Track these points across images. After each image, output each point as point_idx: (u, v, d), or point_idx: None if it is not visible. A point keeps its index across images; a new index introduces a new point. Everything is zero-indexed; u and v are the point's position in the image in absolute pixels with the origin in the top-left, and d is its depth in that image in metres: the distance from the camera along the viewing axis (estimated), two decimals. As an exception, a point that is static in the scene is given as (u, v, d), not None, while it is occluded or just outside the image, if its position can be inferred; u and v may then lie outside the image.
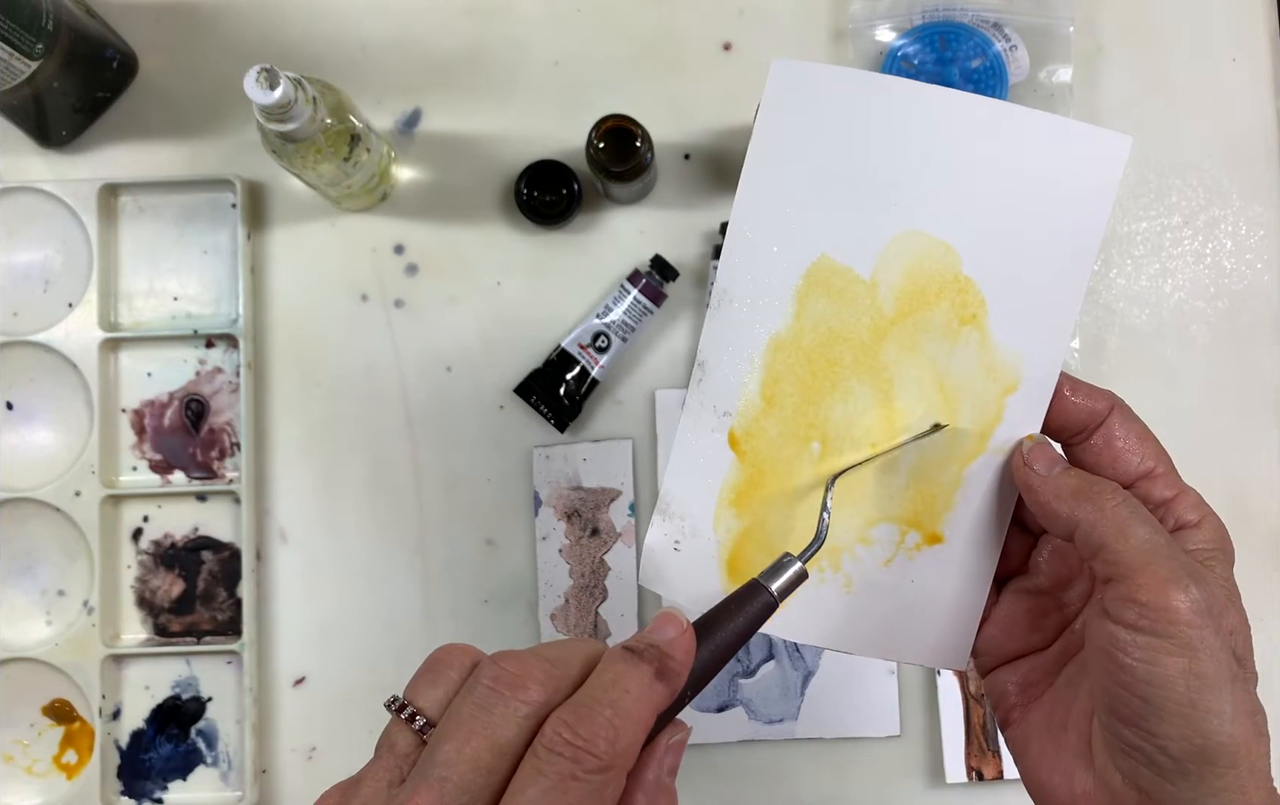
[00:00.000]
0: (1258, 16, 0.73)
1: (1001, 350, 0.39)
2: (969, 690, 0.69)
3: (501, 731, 0.29)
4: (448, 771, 0.29)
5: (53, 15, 0.65)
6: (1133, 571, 0.34)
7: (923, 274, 0.39)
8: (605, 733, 0.29)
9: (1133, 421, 0.38)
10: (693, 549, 0.41)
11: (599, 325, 0.70)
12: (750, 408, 0.40)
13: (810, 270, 0.39)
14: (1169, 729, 0.33)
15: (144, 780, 0.71)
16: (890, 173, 0.38)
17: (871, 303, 0.39)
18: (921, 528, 0.40)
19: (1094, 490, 0.36)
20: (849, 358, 0.39)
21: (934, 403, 0.39)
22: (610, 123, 0.67)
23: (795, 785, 0.70)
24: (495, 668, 0.30)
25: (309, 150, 0.61)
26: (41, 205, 0.72)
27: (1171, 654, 0.32)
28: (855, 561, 0.41)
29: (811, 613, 0.41)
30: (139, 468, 0.72)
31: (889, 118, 0.38)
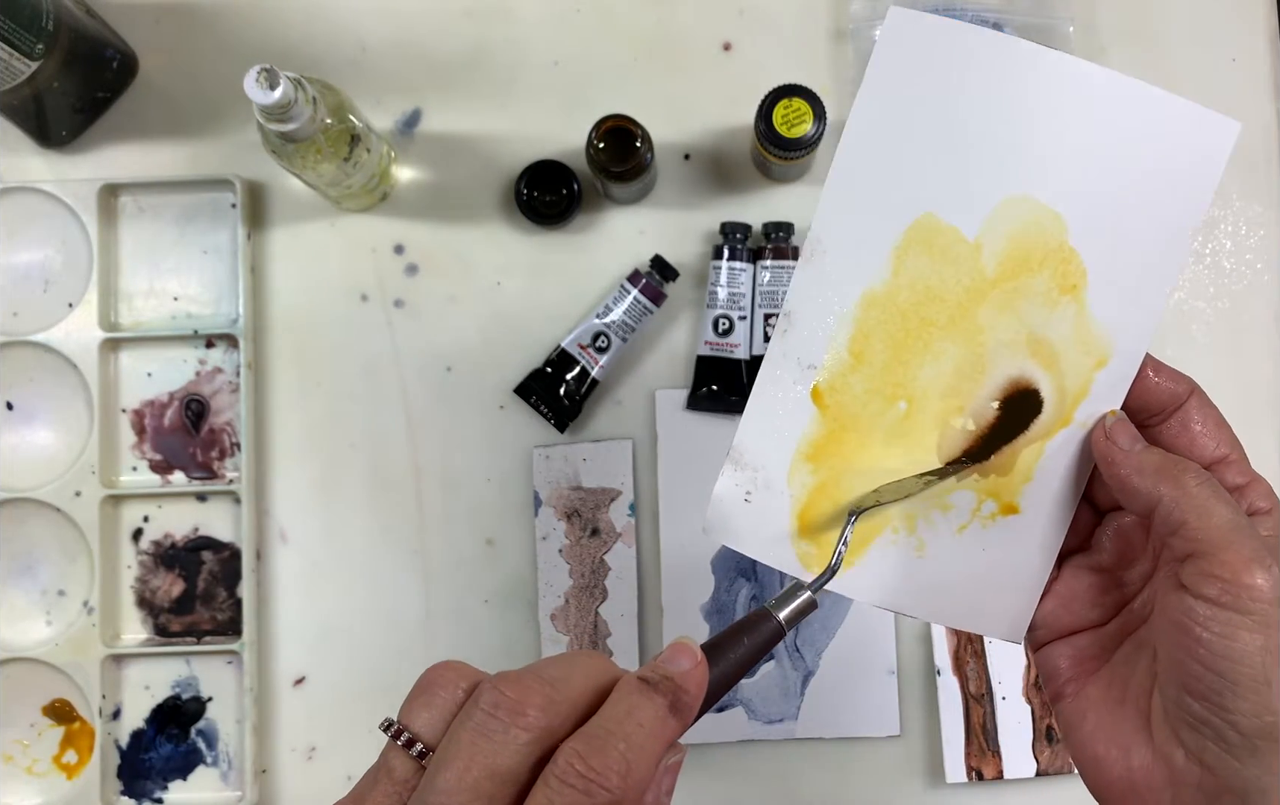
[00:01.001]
0: (1258, 16, 0.73)
1: (1096, 324, 0.39)
2: (969, 690, 0.69)
3: (501, 759, 0.29)
4: (448, 800, 0.29)
5: (53, 15, 0.65)
6: (1216, 548, 0.34)
7: (1028, 240, 0.38)
8: (618, 766, 0.29)
9: (1210, 408, 0.39)
10: (764, 502, 0.40)
11: (599, 325, 0.70)
12: (837, 362, 0.40)
13: (913, 227, 0.39)
14: (1241, 704, 0.33)
15: (144, 780, 0.71)
16: (1004, 134, 0.38)
17: (973, 265, 0.38)
18: (999, 498, 0.40)
19: (1176, 468, 0.36)
20: (944, 319, 0.39)
21: (1026, 371, 0.39)
22: (610, 123, 0.67)
23: (795, 785, 0.70)
24: (494, 693, 0.30)
25: (309, 150, 0.61)
26: (41, 205, 0.72)
27: (1250, 630, 0.33)
28: (930, 526, 0.40)
29: (881, 574, 0.40)
30: (139, 468, 0.72)
31: (1006, 78, 0.37)
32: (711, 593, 0.70)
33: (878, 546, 0.40)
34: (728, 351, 0.69)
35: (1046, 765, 0.68)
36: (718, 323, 0.69)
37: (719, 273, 0.69)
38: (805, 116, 0.65)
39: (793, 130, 0.65)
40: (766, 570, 0.70)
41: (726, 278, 0.69)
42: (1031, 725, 0.69)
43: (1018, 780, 0.69)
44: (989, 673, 0.69)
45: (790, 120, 0.65)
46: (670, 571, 0.70)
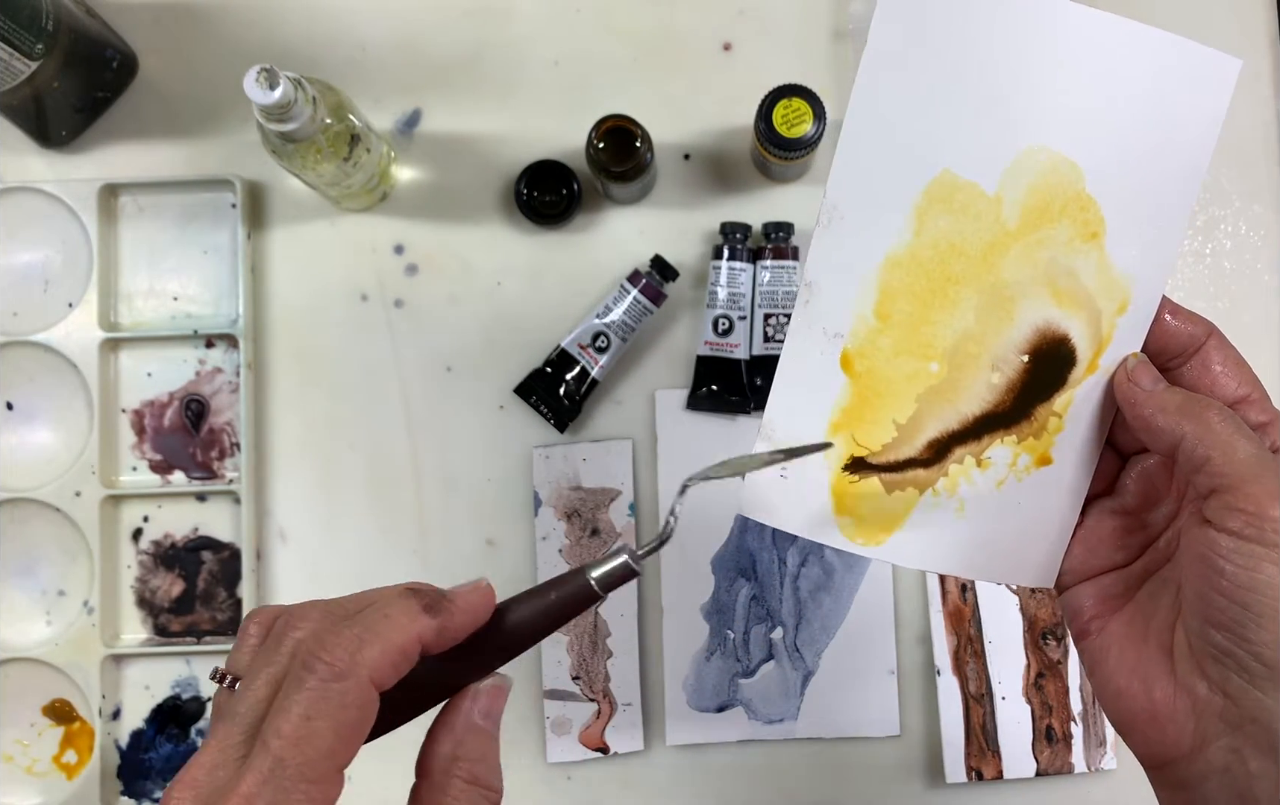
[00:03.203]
0: (1258, 16, 0.73)
1: (1116, 270, 0.39)
2: (969, 690, 0.69)
3: (276, 666, 0.32)
4: (237, 707, 0.32)
5: (53, 15, 0.65)
6: (1241, 482, 0.35)
7: (1048, 190, 0.38)
8: (346, 645, 0.31)
9: (1230, 348, 0.39)
10: (800, 476, 0.40)
11: (599, 325, 0.70)
12: (864, 327, 0.39)
13: (931, 185, 0.38)
14: (1264, 635, 0.34)
15: (144, 780, 0.71)
16: (1017, 85, 0.37)
17: (995, 219, 0.38)
18: (1034, 450, 0.40)
19: (1199, 406, 0.37)
20: (969, 274, 0.38)
21: (1053, 321, 0.39)
22: (610, 123, 0.67)
23: (795, 785, 0.70)
24: (284, 616, 0.34)
25: (309, 150, 0.61)
26: (41, 205, 0.72)
27: (1274, 562, 0.34)
28: (971, 485, 0.40)
29: (922, 538, 0.40)
30: (139, 468, 0.72)
31: (1015, 27, 0.37)
32: (711, 593, 0.70)
33: (919, 511, 0.40)
34: (728, 351, 0.69)
35: (1046, 765, 0.68)
36: (718, 323, 0.69)
37: (719, 273, 0.69)
38: (805, 116, 0.65)
39: (793, 130, 0.65)
40: (767, 570, 0.70)
41: (726, 278, 0.69)
42: (1031, 725, 0.69)
43: (1017, 780, 0.69)
44: (989, 673, 0.69)
45: (790, 120, 0.65)
46: (670, 571, 0.70)
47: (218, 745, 0.32)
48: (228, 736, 0.32)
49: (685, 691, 0.70)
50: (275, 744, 0.30)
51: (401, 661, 0.32)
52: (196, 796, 0.31)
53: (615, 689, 0.70)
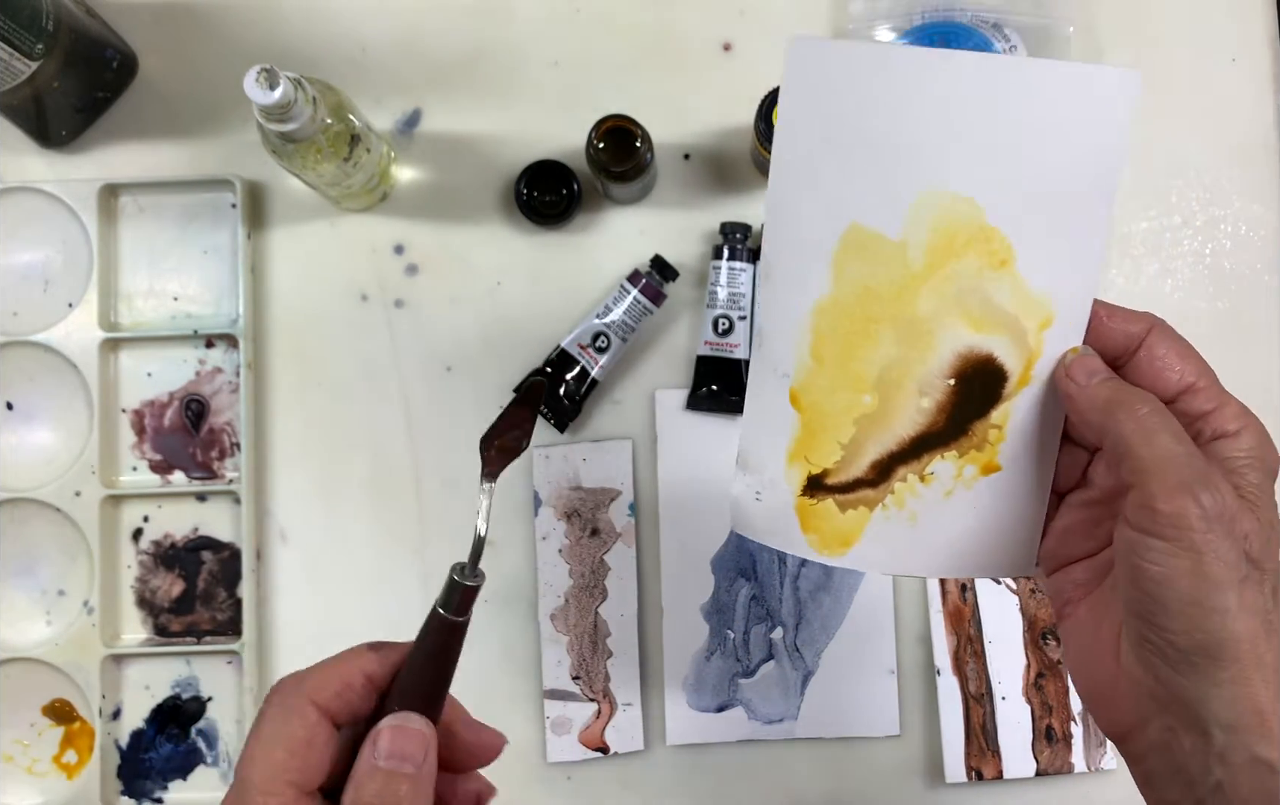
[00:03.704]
0: (1258, 17, 0.73)
1: (1034, 291, 0.40)
2: (969, 690, 0.69)
3: None
4: None
5: (53, 15, 0.65)
6: (1149, 478, 0.35)
7: (948, 229, 0.40)
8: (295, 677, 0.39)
9: (1172, 340, 0.40)
10: (772, 499, 0.44)
11: (599, 325, 0.70)
12: (804, 368, 0.42)
13: (843, 238, 0.41)
14: (1175, 624, 0.35)
15: (144, 780, 0.71)
16: (907, 137, 0.40)
17: (902, 262, 0.41)
18: (977, 460, 0.42)
19: (1126, 399, 0.38)
20: (886, 314, 0.41)
21: (975, 344, 0.41)
22: (610, 123, 0.67)
23: (795, 785, 0.70)
24: None
25: (309, 150, 0.61)
26: (41, 205, 0.72)
27: (1178, 556, 0.34)
28: (917, 498, 0.43)
29: (881, 547, 0.43)
30: (139, 468, 0.72)
31: (901, 85, 0.39)
32: (711, 593, 0.70)
33: (873, 525, 0.43)
34: (728, 351, 0.69)
35: (1046, 765, 0.68)
36: (718, 323, 0.69)
37: (719, 273, 0.69)
38: None
39: None
40: (767, 570, 0.70)
41: (726, 278, 0.69)
42: (1031, 725, 0.69)
43: (1017, 780, 0.69)
44: (989, 673, 0.69)
45: None
46: (670, 571, 0.70)
47: None
48: None
49: (685, 691, 0.70)
50: (239, 767, 0.36)
51: (344, 689, 0.38)
52: None
53: (615, 689, 0.70)
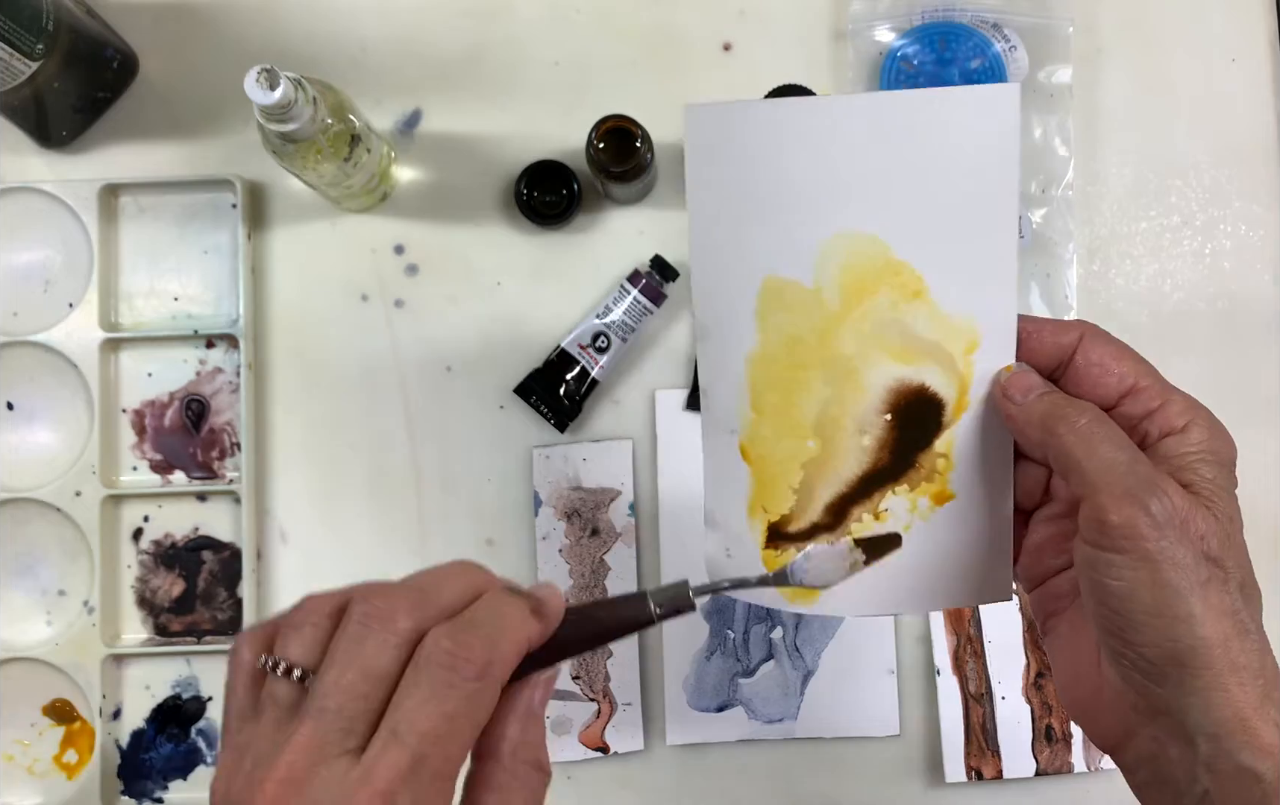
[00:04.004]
0: (1258, 17, 0.73)
1: (953, 315, 0.40)
2: (969, 690, 0.69)
3: (375, 661, 0.32)
4: (325, 702, 0.31)
5: (53, 15, 0.65)
6: (1096, 491, 0.35)
7: (857, 268, 0.41)
8: (483, 643, 0.32)
9: (1106, 343, 0.39)
10: (741, 554, 0.44)
11: (599, 325, 0.70)
12: (748, 421, 0.43)
13: (762, 291, 0.42)
14: (1142, 637, 0.34)
15: (144, 780, 0.71)
16: (806, 185, 0.40)
17: (819, 306, 0.41)
18: (929, 491, 0.42)
19: (1064, 412, 0.37)
20: (813, 359, 0.42)
21: (901, 377, 0.41)
22: (610, 123, 0.67)
23: (795, 785, 0.70)
24: (365, 604, 0.33)
25: (309, 150, 0.61)
26: (41, 205, 0.72)
27: (1134, 568, 0.34)
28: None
29: (850, 588, 0.43)
30: (139, 468, 0.72)
31: (793, 136, 0.40)
32: (711, 593, 0.70)
33: None
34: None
35: (1046, 765, 0.68)
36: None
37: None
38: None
39: None
40: (766, 570, 0.70)
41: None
42: (1031, 725, 0.69)
43: (1017, 780, 0.69)
44: (988, 672, 0.69)
45: None
46: (670, 571, 0.70)
47: (310, 740, 0.31)
48: (322, 731, 0.31)
49: (685, 691, 0.70)
50: (414, 741, 0.30)
51: (519, 662, 0.34)
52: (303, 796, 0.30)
53: (615, 689, 0.70)
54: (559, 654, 0.36)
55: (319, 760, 0.31)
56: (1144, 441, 0.37)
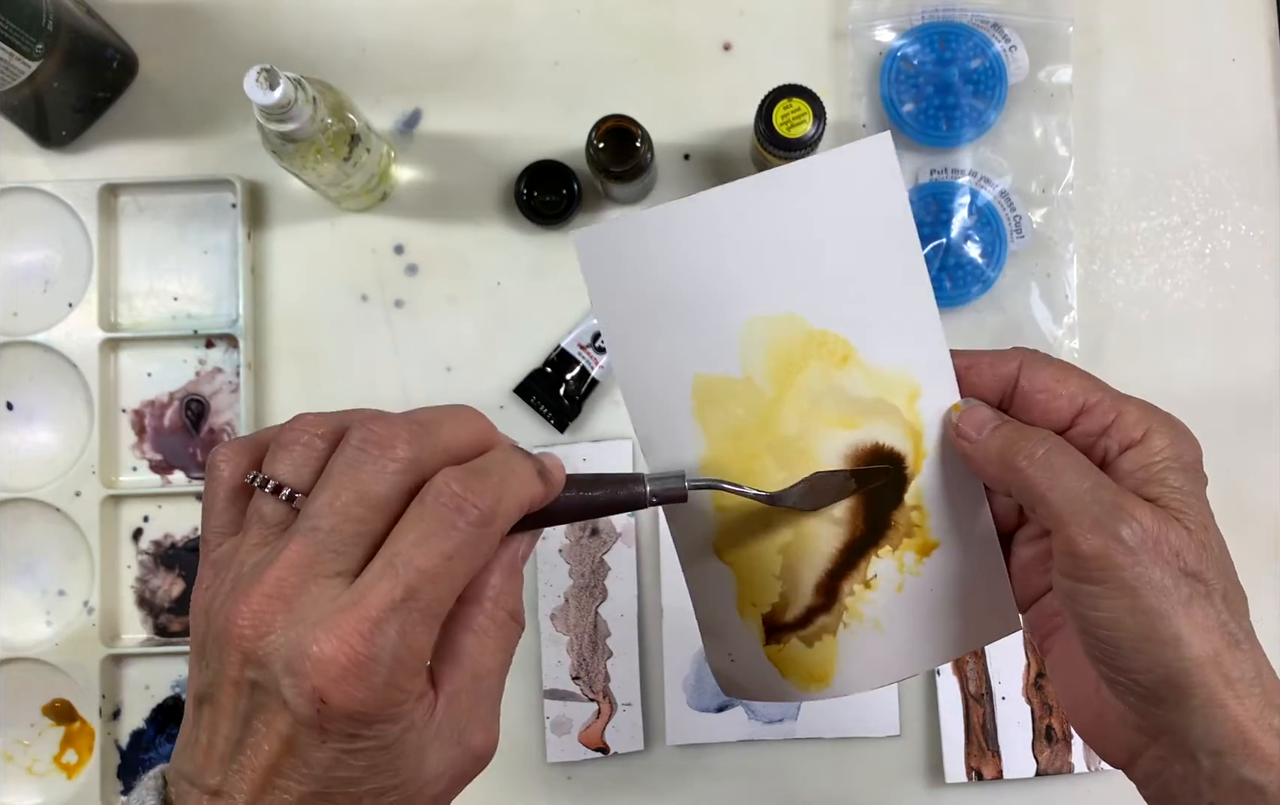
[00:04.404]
0: (1258, 17, 0.73)
1: (886, 369, 0.40)
2: (969, 690, 0.69)
3: (372, 486, 0.31)
4: (318, 522, 0.31)
5: (53, 15, 0.65)
6: (1064, 523, 0.34)
7: (781, 348, 0.40)
8: (491, 492, 0.32)
9: (1046, 366, 0.38)
10: (744, 655, 0.43)
11: (599, 325, 0.70)
12: (715, 524, 0.42)
13: (694, 392, 0.41)
14: (1133, 664, 0.34)
15: (144, 780, 0.71)
16: (710, 280, 0.40)
17: (753, 394, 0.41)
18: (912, 546, 0.41)
19: (1020, 444, 0.36)
20: (761, 447, 0.41)
21: (852, 442, 0.41)
22: (610, 123, 0.67)
23: (795, 785, 0.70)
24: (364, 430, 0.32)
25: (309, 150, 0.61)
26: (41, 205, 0.72)
27: (1113, 597, 0.33)
28: (871, 605, 0.42)
29: (861, 664, 0.42)
30: (139, 468, 0.72)
31: (683, 237, 0.40)
32: (711, 593, 0.70)
33: (842, 649, 0.42)
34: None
35: (1046, 765, 0.68)
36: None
37: None
38: (805, 116, 0.65)
39: (793, 130, 0.65)
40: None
41: None
42: (1031, 725, 0.69)
43: (1017, 780, 0.69)
44: (988, 673, 0.69)
45: (790, 120, 0.65)
46: (670, 572, 0.70)
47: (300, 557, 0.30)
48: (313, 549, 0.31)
49: (685, 691, 0.70)
50: (410, 575, 0.30)
51: (520, 516, 0.34)
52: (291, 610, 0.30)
53: (615, 689, 0.70)
54: (551, 520, 0.37)
55: (308, 578, 0.30)
56: (1105, 458, 0.36)
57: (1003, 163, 0.71)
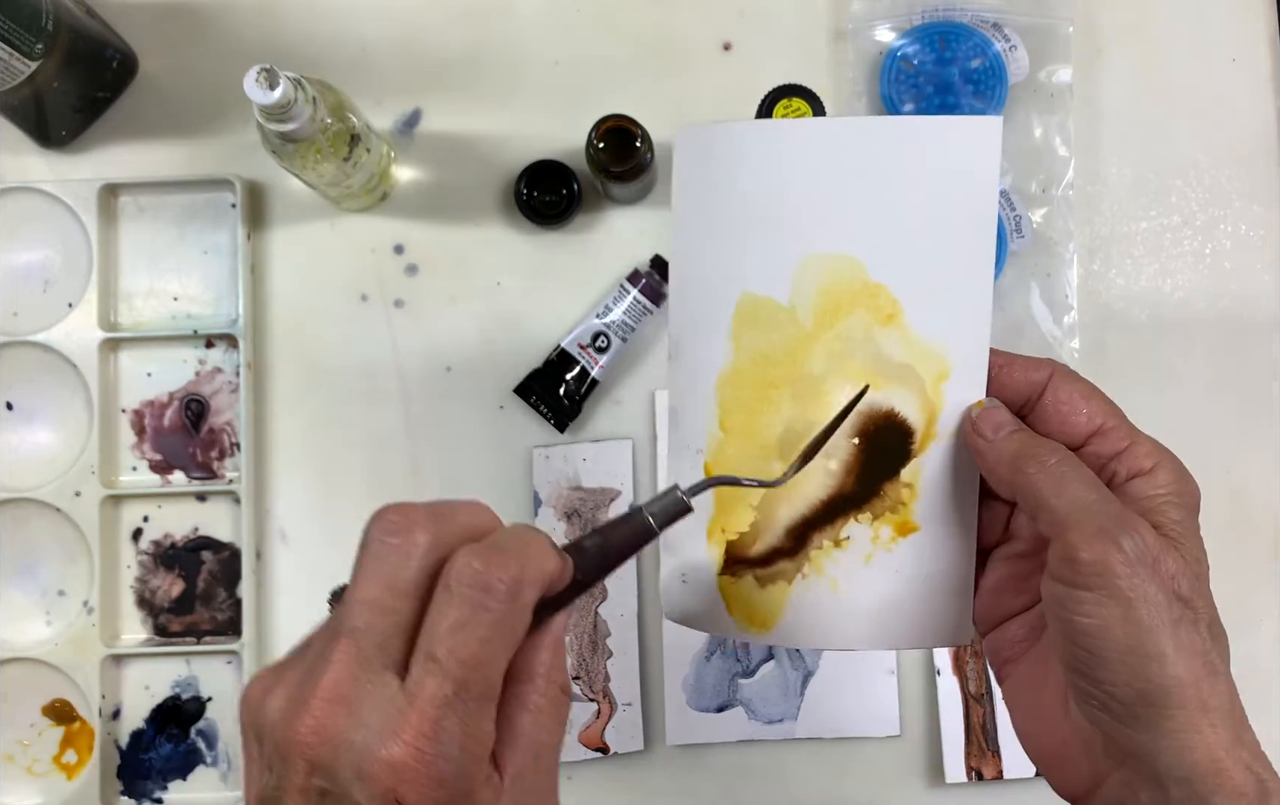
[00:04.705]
0: (1258, 17, 0.73)
1: (926, 342, 0.40)
2: (969, 690, 0.69)
3: (399, 575, 0.32)
4: (355, 621, 0.32)
5: (53, 15, 0.65)
6: (1066, 530, 0.35)
7: (833, 289, 0.41)
8: (514, 565, 0.32)
9: (1074, 383, 0.39)
10: (696, 579, 0.43)
11: (599, 325, 0.70)
12: (714, 441, 0.43)
13: (738, 307, 0.42)
14: (1113, 676, 0.34)
15: (144, 780, 0.71)
16: (787, 205, 0.41)
17: (793, 324, 0.41)
18: (892, 522, 0.41)
19: (1034, 451, 0.37)
20: (782, 378, 0.42)
21: (872, 401, 0.41)
22: (610, 123, 0.67)
23: (795, 785, 0.70)
24: (382, 521, 0.33)
25: (309, 150, 0.61)
26: (41, 205, 0.72)
27: (1105, 605, 0.34)
28: (835, 564, 0.42)
29: (806, 619, 0.42)
30: (139, 468, 0.72)
31: (776, 156, 0.41)
32: (711, 593, 0.70)
33: (794, 598, 0.42)
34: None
35: (1046, 765, 0.68)
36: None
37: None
38: (805, 116, 0.65)
39: None
40: (766, 570, 0.70)
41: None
42: (1031, 725, 0.69)
43: (1018, 780, 0.69)
44: (989, 673, 0.69)
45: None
46: (670, 571, 0.70)
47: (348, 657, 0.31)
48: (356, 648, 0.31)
49: (685, 691, 0.70)
50: (453, 667, 0.31)
51: (545, 589, 0.34)
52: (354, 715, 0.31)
53: (615, 689, 0.70)
54: (577, 589, 0.37)
55: (361, 678, 0.31)
56: (1111, 481, 0.37)
57: (1003, 162, 0.71)
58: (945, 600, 0.42)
